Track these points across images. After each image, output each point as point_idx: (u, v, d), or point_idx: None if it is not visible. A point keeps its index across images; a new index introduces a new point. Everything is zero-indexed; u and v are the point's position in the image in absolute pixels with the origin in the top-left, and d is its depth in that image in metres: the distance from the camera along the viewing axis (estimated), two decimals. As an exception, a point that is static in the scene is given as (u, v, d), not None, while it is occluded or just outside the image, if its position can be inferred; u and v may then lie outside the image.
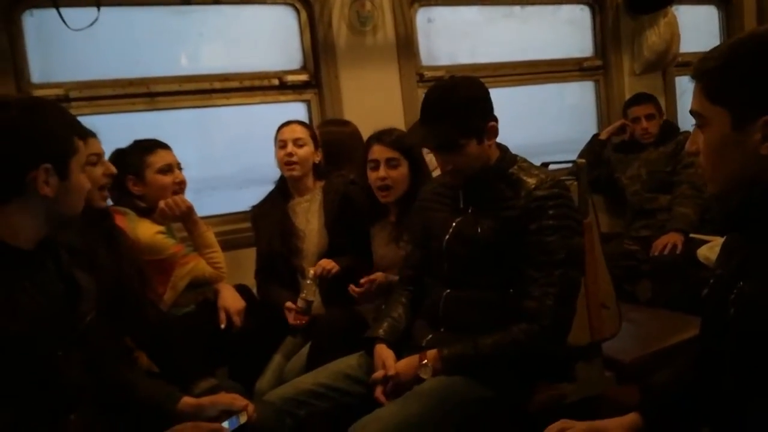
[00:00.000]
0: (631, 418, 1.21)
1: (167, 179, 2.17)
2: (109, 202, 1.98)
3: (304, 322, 2.16)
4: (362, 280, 2.05)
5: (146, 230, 2.07)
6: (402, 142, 2.08)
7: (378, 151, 2.09)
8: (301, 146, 2.34)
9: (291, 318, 2.17)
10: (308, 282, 2.16)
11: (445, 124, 1.63)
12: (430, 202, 1.85)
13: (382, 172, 2.07)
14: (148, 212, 2.14)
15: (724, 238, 1.16)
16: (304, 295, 2.15)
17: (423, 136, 1.72)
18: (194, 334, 1.97)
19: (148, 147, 2.18)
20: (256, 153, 2.76)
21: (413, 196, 2.03)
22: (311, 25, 3.00)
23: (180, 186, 2.20)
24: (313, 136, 2.41)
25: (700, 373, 1.14)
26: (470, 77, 1.73)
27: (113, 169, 1.82)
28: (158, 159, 2.16)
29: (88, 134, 1.71)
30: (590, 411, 1.69)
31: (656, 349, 2.22)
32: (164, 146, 2.21)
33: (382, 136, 2.11)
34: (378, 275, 2.07)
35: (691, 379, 1.17)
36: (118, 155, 2.15)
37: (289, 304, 2.18)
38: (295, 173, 2.34)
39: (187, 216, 2.18)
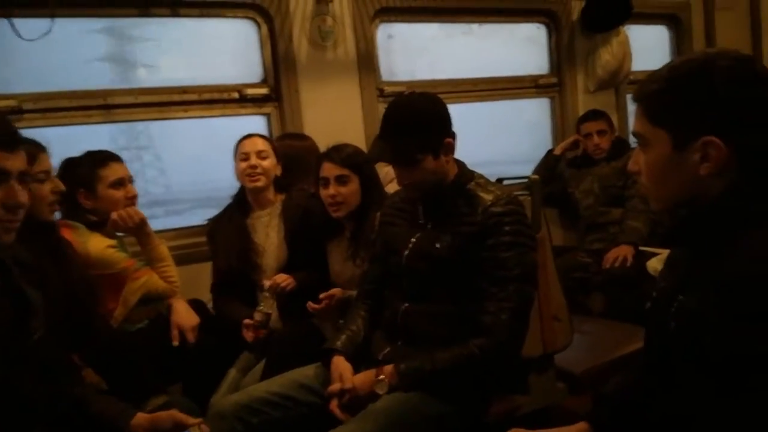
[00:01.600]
0: (581, 426, 1.24)
1: (119, 194, 2.14)
2: (57, 215, 1.93)
3: (261, 335, 2.15)
4: (321, 296, 2.05)
5: (97, 244, 2.04)
6: (351, 159, 2.10)
7: (328, 169, 2.11)
8: (264, 158, 2.33)
9: (248, 335, 2.14)
10: (265, 295, 2.16)
11: (403, 139, 1.65)
12: (390, 217, 1.87)
13: (331, 189, 2.10)
14: (98, 226, 2.11)
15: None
16: (261, 308, 2.14)
17: (381, 150, 1.75)
18: (147, 350, 1.94)
19: (100, 159, 2.14)
20: (216, 167, 2.75)
21: (367, 212, 2.05)
22: (272, 39, 3.01)
23: (132, 200, 2.17)
24: (274, 150, 2.41)
25: (646, 383, 1.17)
26: (429, 94, 1.76)
27: (62, 186, 1.78)
28: (111, 173, 2.13)
29: (36, 149, 1.69)
30: (544, 422, 1.72)
31: (608, 359, 2.27)
32: (117, 158, 2.17)
33: (332, 153, 2.13)
34: (336, 291, 2.07)
35: (638, 388, 1.20)
36: (68, 166, 2.11)
37: (246, 321, 2.15)
38: (259, 184, 2.33)
39: (139, 228, 2.15)
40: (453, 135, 1.72)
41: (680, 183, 1.03)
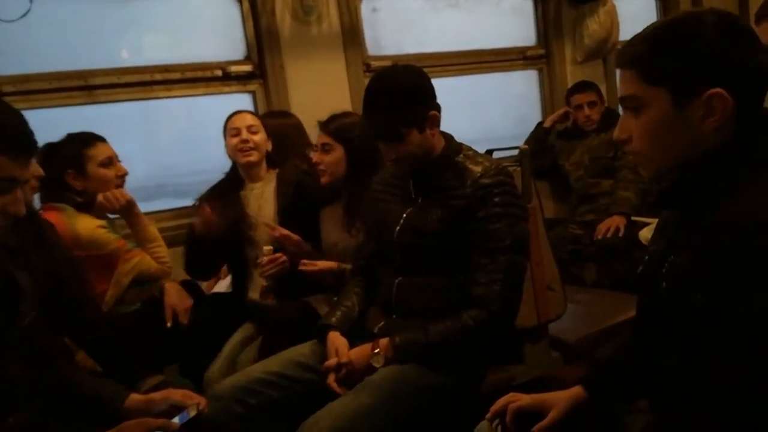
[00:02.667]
0: (575, 390, 1.25)
1: (110, 172, 2.12)
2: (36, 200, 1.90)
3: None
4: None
5: (87, 224, 2.02)
6: (338, 129, 2.09)
7: (318, 136, 2.14)
8: (254, 132, 2.31)
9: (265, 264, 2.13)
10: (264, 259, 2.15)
11: (386, 114, 1.63)
12: (381, 193, 1.85)
13: (316, 156, 2.12)
14: (86, 207, 2.09)
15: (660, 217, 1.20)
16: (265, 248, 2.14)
17: (364, 126, 1.72)
18: (141, 331, 1.93)
19: (86, 140, 2.12)
20: (204, 145, 2.72)
21: (360, 181, 2.03)
22: (254, 15, 2.96)
23: (122, 179, 2.15)
24: (264, 126, 2.38)
25: (639, 346, 1.17)
26: (411, 66, 1.73)
27: (40, 171, 1.74)
28: (99, 152, 2.11)
29: None
30: (539, 391, 1.74)
31: (601, 328, 2.28)
32: (102, 139, 2.15)
33: (325, 121, 2.14)
34: (331, 263, 2.06)
35: (632, 352, 1.21)
36: (50, 149, 2.07)
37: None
38: (252, 158, 2.30)
39: (127, 209, 2.13)
40: (438, 107, 1.69)
41: (681, 142, 1.02)
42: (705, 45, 0.97)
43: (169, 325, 2.05)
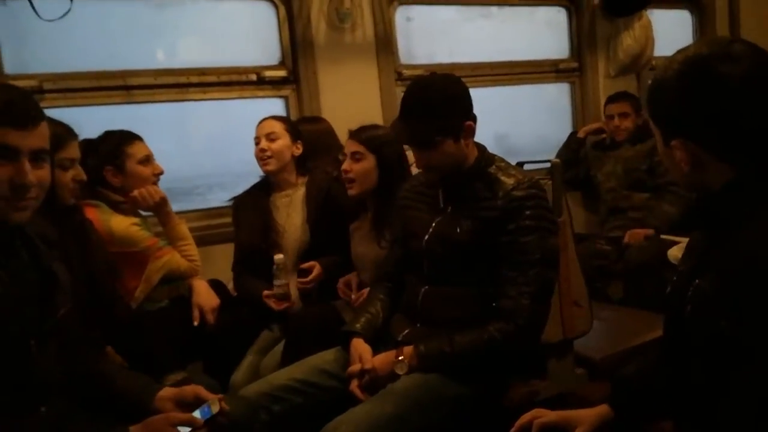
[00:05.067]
0: (601, 408, 1.24)
1: (147, 170, 2.16)
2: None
3: (285, 306, 2.18)
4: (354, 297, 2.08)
5: (121, 221, 2.05)
6: (370, 138, 2.09)
7: (348, 145, 2.12)
8: (273, 140, 2.33)
9: (274, 305, 2.17)
10: (278, 267, 2.17)
11: (422, 121, 1.64)
12: (410, 201, 1.86)
13: (345, 164, 2.10)
14: (121, 205, 2.12)
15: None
16: (277, 282, 2.17)
17: (399, 131, 1.73)
18: (167, 328, 1.95)
19: (125, 137, 2.16)
20: (233, 148, 2.76)
21: (388, 193, 2.03)
22: (290, 21, 2.99)
23: (158, 177, 2.19)
24: (290, 130, 2.39)
25: (666, 367, 1.16)
26: (450, 75, 1.73)
27: (83, 176, 1.76)
28: (137, 150, 2.15)
29: (64, 134, 1.68)
30: (562, 407, 1.72)
31: (627, 346, 2.25)
32: (139, 137, 2.19)
33: (355, 131, 2.14)
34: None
35: (658, 372, 1.20)
36: (87, 146, 2.10)
37: (266, 292, 2.19)
38: (269, 167, 2.33)
39: (160, 207, 2.17)
40: (474, 118, 1.69)
41: (678, 176, 1.05)
42: (668, 96, 1.00)
43: (195, 324, 2.07)
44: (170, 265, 2.12)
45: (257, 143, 2.34)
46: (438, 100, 1.64)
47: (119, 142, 2.14)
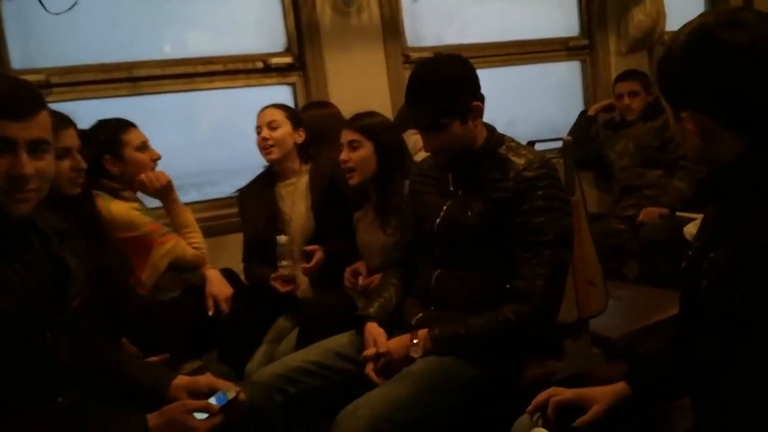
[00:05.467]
0: (619, 386, 1.23)
1: (145, 156, 2.15)
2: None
3: (291, 288, 2.19)
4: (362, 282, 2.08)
5: (120, 206, 2.04)
6: (366, 125, 2.07)
7: (344, 135, 2.10)
8: (274, 128, 2.32)
9: (279, 287, 2.17)
10: (281, 249, 2.17)
11: (429, 104, 1.62)
12: (420, 185, 1.85)
13: (344, 154, 2.08)
14: (121, 193, 2.11)
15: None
16: (282, 264, 2.17)
17: (406, 116, 1.71)
18: (181, 318, 1.96)
19: (120, 125, 2.14)
20: (242, 138, 2.74)
21: (390, 180, 2.03)
22: (295, 7, 2.98)
23: (155, 162, 2.18)
24: (291, 117, 2.38)
25: (682, 344, 1.15)
26: (455, 55, 1.71)
27: (82, 164, 1.74)
28: (134, 137, 2.14)
29: (58, 123, 1.66)
30: (578, 387, 1.71)
31: (643, 325, 2.24)
32: (133, 124, 2.17)
33: (350, 120, 2.12)
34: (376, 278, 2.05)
35: (675, 350, 1.18)
36: (83, 136, 2.07)
37: (273, 275, 2.19)
38: (272, 156, 2.32)
39: (166, 191, 2.16)
40: (481, 98, 1.67)
41: (690, 150, 1.03)
42: (675, 68, 0.99)
43: (210, 313, 2.07)
44: (176, 251, 2.10)
45: (259, 132, 2.34)
46: (443, 82, 1.62)
47: (115, 130, 2.12)
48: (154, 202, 2.26)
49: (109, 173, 2.11)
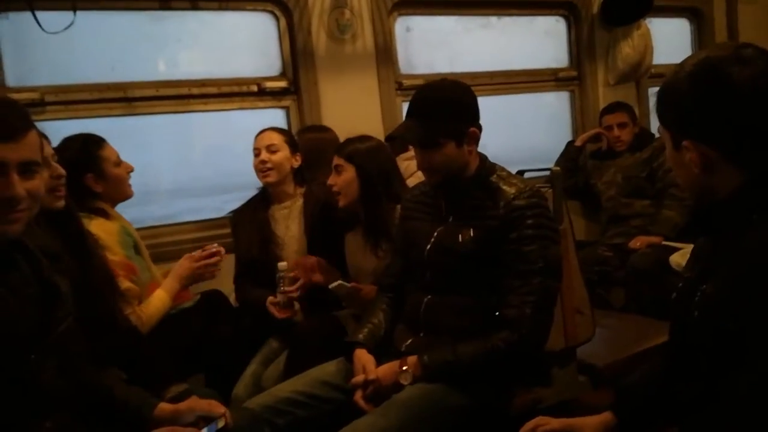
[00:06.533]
0: (605, 416, 1.24)
1: (122, 171, 2.13)
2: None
3: (289, 315, 2.18)
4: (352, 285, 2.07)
5: (103, 227, 1.98)
6: (349, 150, 2.11)
7: (333, 160, 2.15)
8: (274, 152, 2.33)
9: (276, 312, 2.16)
10: (281, 275, 2.16)
11: (426, 121, 1.65)
12: (411, 211, 1.86)
13: (331, 178, 2.13)
14: (103, 212, 2.06)
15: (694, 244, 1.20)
16: (281, 290, 2.16)
17: (405, 128, 1.73)
18: (168, 340, 1.94)
19: (93, 142, 2.08)
20: (235, 159, 2.76)
21: (375, 204, 2.06)
22: (290, 32, 3.01)
23: (130, 175, 2.16)
24: (290, 142, 2.40)
25: (670, 374, 1.16)
26: (460, 82, 1.75)
27: (61, 171, 1.67)
28: (109, 152, 2.11)
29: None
30: (566, 415, 1.71)
31: (630, 354, 2.25)
32: (103, 139, 2.13)
33: (339, 145, 2.18)
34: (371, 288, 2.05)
35: (662, 380, 1.20)
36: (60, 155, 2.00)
37: (271, 298, 2.18)
38: (270, 179, 2.33)
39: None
40: (479, 127, 1.71)
41: (687, 180, 1.06)
42: (679, 98, 1.02)
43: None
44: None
45: (257, 155, 2.35)
46: (445, 102, 1.66)
47: (91, 147, 2.07)
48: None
49: (92, 192, 2.06)
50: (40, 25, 2.38)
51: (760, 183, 0.98)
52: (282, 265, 2.18)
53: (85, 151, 2.06)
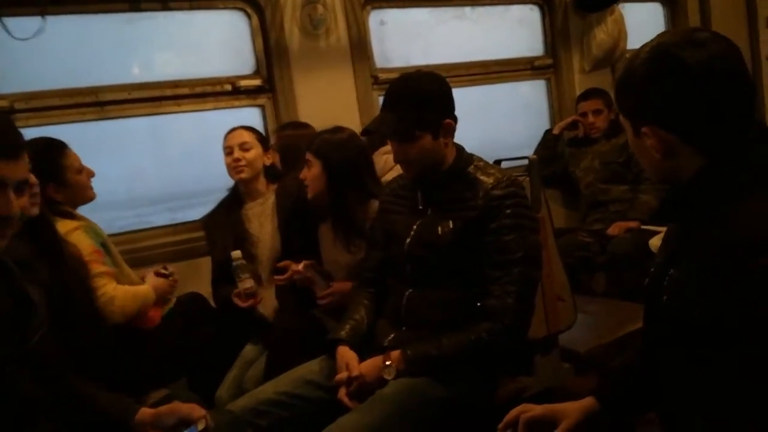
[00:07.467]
0: (588, 401, 1.25)
1: (84, 178, 2.08)
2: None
3: (252, 302, 2.18)
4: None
5: (65, 226, 1.93)
6: (315, 145, 2.11)
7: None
8: (247, 150, 2.33)
9: (240, 302, 2.16)
10: (236, 264, 2.16)
11: (402, 113, 1.65)
12: (390, 204, 1.86)
13: (302, 172, 2.14)
14: (67, 214, 2.01)
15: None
16: (239, 279, 2.16)
17: (380, 121, 1.73)
18: (149, 346, 1.93)
19: (54, 149, 2.01)
20: (212, 161, 2.73)
21: (342, 199, 2.06)
22: (263, 30, 2.99)
23: (91, 180, 2.11)
24: (261, 140, 2.40)
25: (645, 359, 1.17)
26: (436, 74, 1.74)
27: (34, 180, 1.64)
28: (72, 159, 2.05)
29: None
30: (549, 402, 1.72)
31: (611, 339, 2.27)
32: (65, 144, 2.06)
33: (311, 139, 2.17)
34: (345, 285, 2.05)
35: (642, 363, 1.20)
36: None
37: (235, 291, 2.18)
38: (243, 175, 2.32)
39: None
40: (454, 118, 1.71)
41: (650, 165, 1.07)
42: (636, 85, 1.03)
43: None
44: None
45: (229, 153, 2.33)
46: (420, 94, 1.65)
47: (52, 155, 1.99)
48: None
49: (53, 200, 1.98)
50: (8, 32, 2.34)
51: (721, 165, 0.98)
52: (235, 254, 2.17)
53: (47, 160, 1.96)
